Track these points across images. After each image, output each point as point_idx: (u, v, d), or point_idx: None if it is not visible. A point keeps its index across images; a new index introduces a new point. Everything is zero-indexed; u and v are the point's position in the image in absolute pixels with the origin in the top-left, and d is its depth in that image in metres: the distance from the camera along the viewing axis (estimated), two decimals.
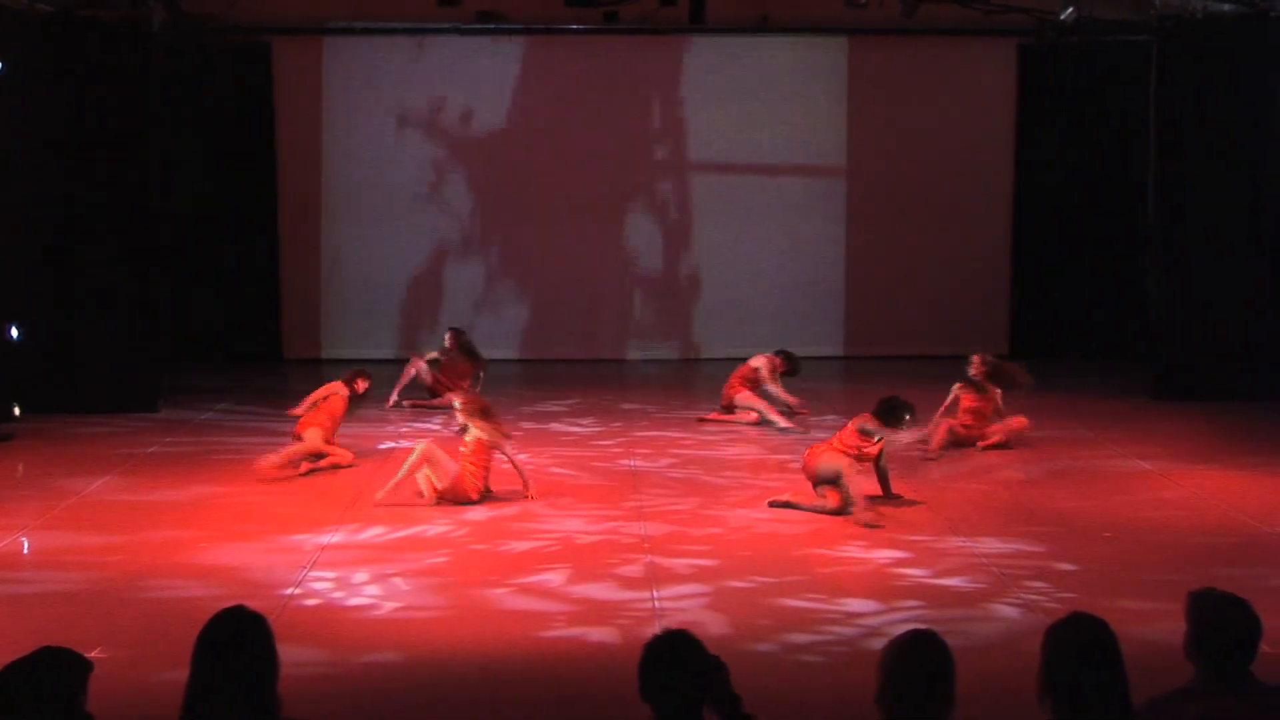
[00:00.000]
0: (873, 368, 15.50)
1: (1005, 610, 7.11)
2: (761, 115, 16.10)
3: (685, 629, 3.86)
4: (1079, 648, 3.72)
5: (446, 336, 13.28)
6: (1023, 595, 7.30)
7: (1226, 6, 13.18)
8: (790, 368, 12.43)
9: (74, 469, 10.30)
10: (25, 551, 8.34)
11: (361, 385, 10.92)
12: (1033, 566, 7.82)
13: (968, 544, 8.28)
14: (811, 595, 7.33)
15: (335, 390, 10.75)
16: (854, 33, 15.88)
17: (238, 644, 3.67)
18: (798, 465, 10.48)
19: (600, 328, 16.13)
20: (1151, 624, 6.34)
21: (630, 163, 16.19)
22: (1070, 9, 14.17)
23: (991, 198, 16.31)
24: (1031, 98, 16.17)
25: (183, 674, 3.67)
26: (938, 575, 7.70)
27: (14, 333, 12.02)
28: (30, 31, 12.39)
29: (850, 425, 9.18)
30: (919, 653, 3.67)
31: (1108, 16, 14.41)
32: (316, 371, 14.42)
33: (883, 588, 7.48)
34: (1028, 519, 8.89)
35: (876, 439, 9.08)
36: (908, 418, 9.12)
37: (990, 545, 8.25)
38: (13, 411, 11.96)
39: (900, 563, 7.96)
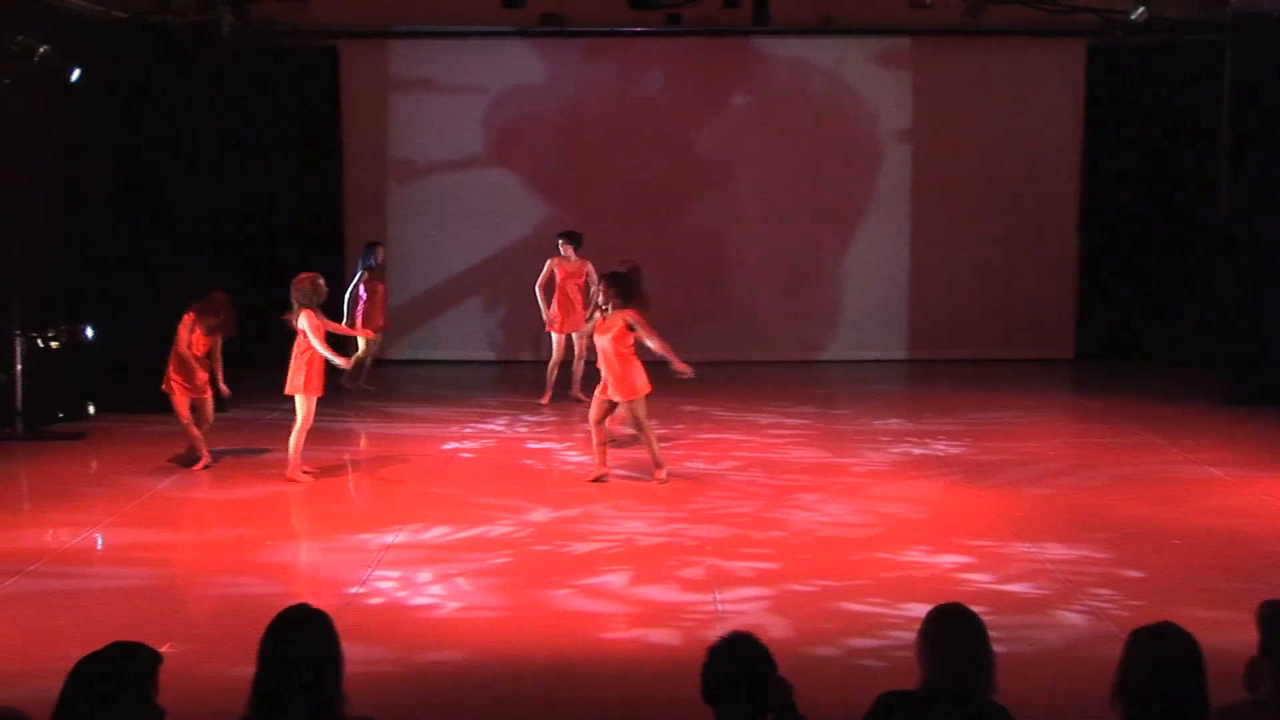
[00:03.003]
0: (937, 371, 15.38)
1: (1071, 617, 7.03)
2: (825, 117, 16.04)
3: (750, 632, 3.86)
4: (1160, 660, 3.62)
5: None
6: (1089, 602, 7.21)
7: None
8: None
9: (144, 467, 10.49)
10: (99, 547, 8.50)
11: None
12: (1099, 573, 7.72)
13: (1033, 549, 8.19)
14: (874, 599, 7.29)
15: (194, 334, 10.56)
16: (919, 34, 15.79)
17: (302, 641, 3.72)
18: (863, 468, 10.44)
19: (660, 328, 16.06)
20: (1221, 633, 6.21)
21: (693, 164, 16.17)
22: (1141, 9, 13.95)
23: (1058, 200, 16.13)
24: (1100, 99, 15.97)
25: (250, 669, 3.72)
26: (1002, 581, 7.63)
27: (89, 333, 12.24)
28: (102, 38, 12.60)
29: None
30: (956, 625, 3.85)
31: (1179, 16, 14.18)
32: (385, 372, 14.57)
33: (946, 593, 7.38)
34: (1094, 525, 8.77)
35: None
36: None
37: (1056, 551, 8.16)
38: (88, 410, 12.22)
39: (964, 568, 7.89)
